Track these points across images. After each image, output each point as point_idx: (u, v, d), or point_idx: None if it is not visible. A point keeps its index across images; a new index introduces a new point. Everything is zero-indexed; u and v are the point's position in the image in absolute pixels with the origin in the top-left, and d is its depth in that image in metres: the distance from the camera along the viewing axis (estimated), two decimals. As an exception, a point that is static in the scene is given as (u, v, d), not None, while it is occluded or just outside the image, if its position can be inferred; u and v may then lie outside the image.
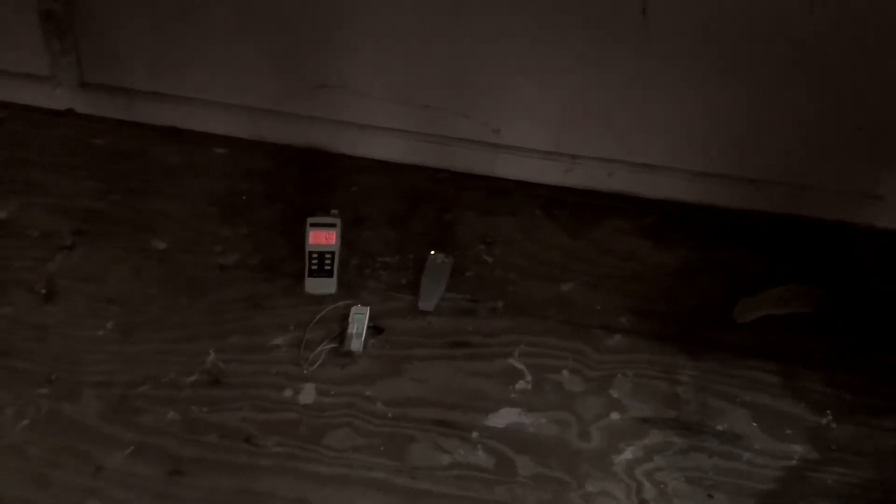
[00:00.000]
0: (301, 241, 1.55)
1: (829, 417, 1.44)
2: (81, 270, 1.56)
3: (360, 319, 1.48)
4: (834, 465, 1.38)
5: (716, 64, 1.56)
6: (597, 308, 1.57)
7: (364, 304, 1.52)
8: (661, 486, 1.34)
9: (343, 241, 1.58)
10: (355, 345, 1.46)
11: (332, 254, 1.54)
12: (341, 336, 1.48)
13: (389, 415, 1.40)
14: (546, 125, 1.70)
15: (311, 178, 1.75)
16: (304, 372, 1.44)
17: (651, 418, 1.42)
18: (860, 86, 1.56)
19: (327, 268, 1.54)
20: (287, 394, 1.42)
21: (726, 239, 1.70)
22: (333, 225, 1.56)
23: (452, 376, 1.45)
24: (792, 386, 1.48)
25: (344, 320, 1.49)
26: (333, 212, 1.60)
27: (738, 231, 1.72)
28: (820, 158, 1.68)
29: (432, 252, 1.59)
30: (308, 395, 1.42)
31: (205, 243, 1.62)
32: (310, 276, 1.54)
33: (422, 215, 1.70)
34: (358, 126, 1.77)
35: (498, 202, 1.73)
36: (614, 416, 1.42)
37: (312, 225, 1.56)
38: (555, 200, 1.74)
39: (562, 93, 1.65)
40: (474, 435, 1.38)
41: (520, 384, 1.45)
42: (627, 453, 1.37)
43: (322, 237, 1.55)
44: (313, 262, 1.54)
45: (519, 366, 1.47)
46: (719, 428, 1.41)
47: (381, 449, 1.36)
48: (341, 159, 1.79)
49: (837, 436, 1.42)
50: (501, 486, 1.33)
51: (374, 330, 1.50)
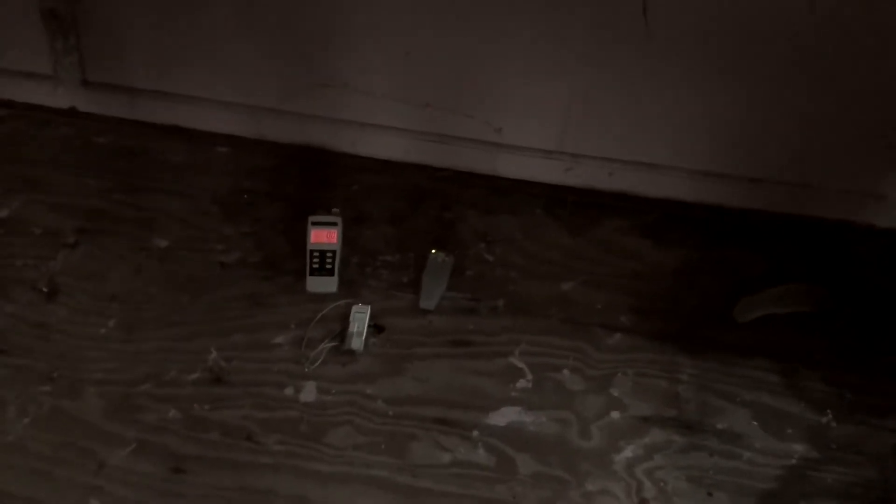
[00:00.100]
0: (302, 239, 1.56)
1: (830, 416, 1.44)
2: (83, 268, 1.57)
3: (360, 318, 1.49)
4: (834, 465, 1.38)
5: (716, 63, 1.56)
6: (597, 307, 1.57)
7: (365, 303, 1.52)
8: (661, 484, 1.34)
9: (344, 239, 1.58)
10: (356, 343, 1.46)
11: (334, 252, 1.55)
12: (342, 334, 1.48)
13: (390, 413, 1.40)
14: (547, 124, 1.70)
15: (313, 177, 1.75)
16: (306, 370, 1.45)
17: (651, 417, 1.42)
18: (861, 85, 1.56)
19: (328, 266, 1.54)
20: (288, 392, 1.42)
21: (727, 238, 1.70)
22: (335, 223, 1.56)
23: (453, 375, 1.45)
24: (792, 385, 1.48)
25: (345, 319, 1.50)
26: (335, 210, 1.61)
27: (738, 230, 1.72)
28: (820, 157, 1.68)
29: (433, 251, 1.59)
30: (309, 393, 1.42)
31: (206, 241, 1.62)
32: (311, 274, 1.54)
33: (423, 214, 1.70)
34: (359, 125, 1.77)
35: (499, 201, 1.73)
36: (614, 414, 1.42)
37: (314, 223, 1.56)
38: (556, 199, 1.74)
39: (563, 92, 1.65)
40: (475, 433, 1.39)
41: (520, 383, 1.45)
42: (627, 452, 1.37)
43: (323, 236, 1.55)
44: (314, 260, 1.54)
45: (519, 364, 1.47)
46: (719, 427, 1.42)
47: (382, 447, 1.36)
48: (343, 158, 1.79)
49: (838, 435, 1.42)
50: (502, 485, 1.33)
51: (375, 328, 1.50)
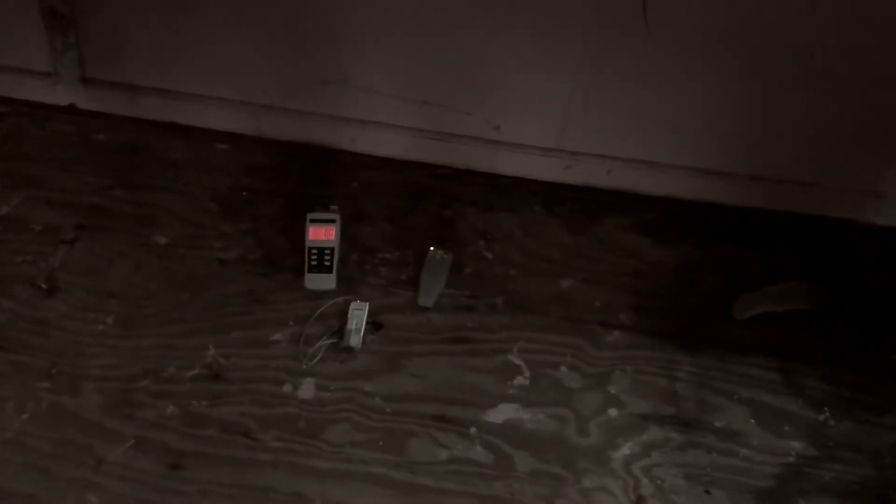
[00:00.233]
0: (302, 236, 1.56)
1: (828, 414, 1.44)
2: (82, 265, 1.57)
3: (359, 315, 1.49)
4: (832, 462, 1.38)
5: (716, 61, 1.56)
6: (596, 304, 1.57)
7: (364, 300, 1.52)
8: (658, 482, 1.34)
9: (343, 236, 1.58)
10: (354, 340, 1.46)
11: (332, 250, 1.55)
12: (341, 331, 1.48)
13: (388, 410, 1.40)
14: (546, 122, 1.70)
15: (312, 174, 1.75)
16: (304, 367, 1.45)
17: (649, 414, 1.42)
18: (861, 83, 1.56)
19: (327, 263, 1.54)
20: (286, 389, 1.42)
21: (726, 236, 1.70)
22: (333, 221, 1.56)
23: (451, 372, 1.45)
24: (791, 383, 1.48)
25: (343, 316, 1.50)
26: (333, 207, 1.61)
27: (738, 228, 1.71)
28: (821, 156, 1.68)
29: (432, 248, 1.60)
30: (307, 390, 1.42)
31: (206, 239, 1.63)
32: (309, 271, 1.54)
33: (422, 211, 1.70)
34: (359, 122, 1.77)
35: (498, 199, 1.73)
36: (612, 412, 1.42)
37: (312, 221, 1.56)
38: (555, 197, 1.74)
39: (562, 90, 1.65)
40: (473, 430, 1.39)
41: (518, 380, 1.45)
42: (625, 449, 1.37)
43: (322, 233, 1.55)
44: (313, 257, 1.54)
45: (518, 362, 1.47)
46: (718, 424, 1.42)
47: (380, 444, 1.36)
48: (342, 155, 1.79)
49: (835, 433, 1.42)
50: (499, 482, 1.33)
51: (373, 325, 1.50)
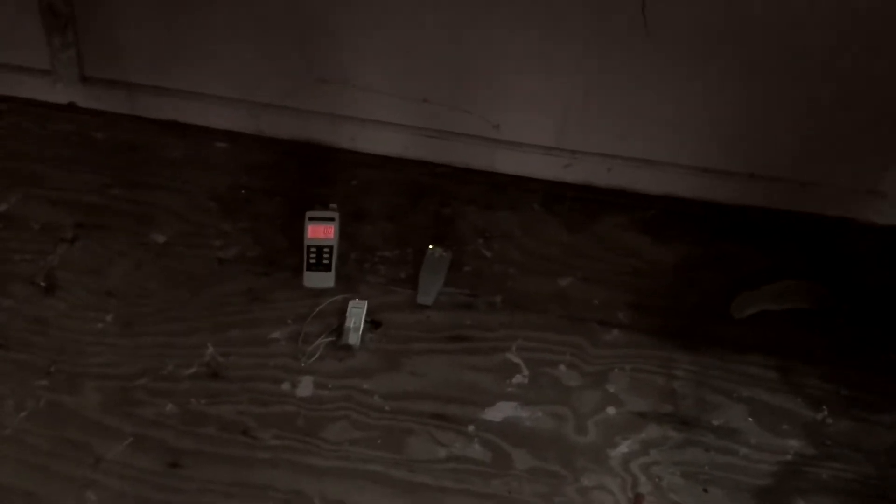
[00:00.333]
0: (300, 235, 1.56)
1: (826, 413, 1.44)
2: (82, 263, 1.57)
3: (357, 313, 1.49)
4: (830, 461, 1.38)
5: (715, 60, 1.56)
6: (595, 303, 1.57)
7: (363, 298, 1.52)
8: (656, 480, 1.34)
9: (342, 234, 1.58)
10: (353, 338, 1.46)
11: (331, 248, 1.55)
12: (339, 330, 1.48)
13: (387, 408, 1.40)
14: (546, 121, 1.70)
15: (311, 173, 1.75)
16: (302, 365, 1.45)
17: (647, 413, 1.42)
18: (861, 82, 1.56)
19: (325, 262, 1.54)
20: (285, 387, 1.42)
21: (726, 235, 1.70)
22: (332, 219, 1.56)
23: (450, 370, 1.46)
24: (790, 381, 1.48)
25: (342, 314, 1.50)
26: (332, 206, 1.61)
27: (737, 227, 1.71)
28: (821, 154, 1.67)
29: (431, 246, 1.60)
30: (306, 388, 1.42)
31: (205, 237, 1.63)
32: (308, 269, 1.54)
33: (421, 210, 1.70)
34: (358, 120, 1.77)
35: (497, 197, 1.73)
36: (611, 410, 1.42)
37: (311, 219, 1.56)
38: (554, 196, 1.74)
39: (561, 88, 1.65)
40: (471, 428, 1.39)
41: (517, 378, 1.45)
42: (623, 447, 1.37)
43: (320, 231, 1.55)
44: (311, 255, 1.55)
45: (516, 360, 1.48)
46: (716, 423, 1.42)
47: (379, 442, 1.36)
48: (341, 153, 1.79)
49: (834, 431, 1.42)
50: (498, 480, 1.33)
51: (372, 324, 1.50)
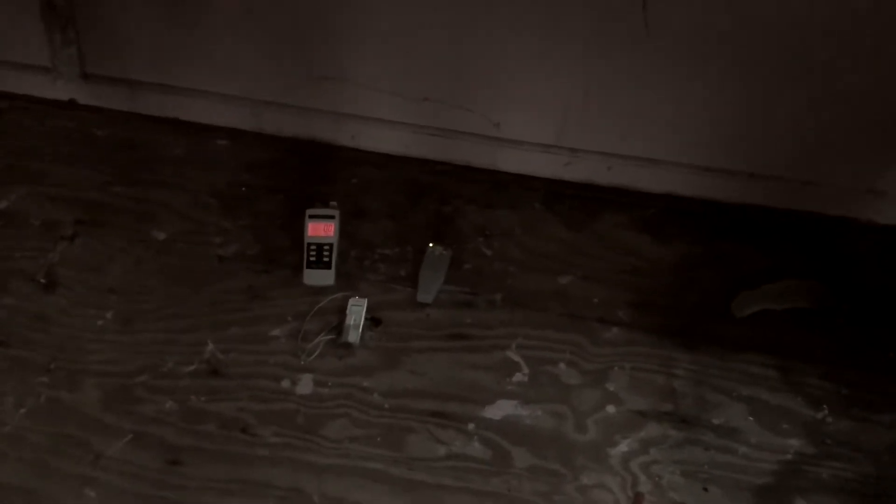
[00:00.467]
0: (301, 233, 1.56)
1: (826, 412, 1.44)
2: (82, 260, 1.57)
3: (357, 311, 1.49)
4: (830, 460, 1.38)
5: (716, 59, 1.56)
6: (595, 301, 1.57)
7: (363, 296, 1.52)
8: (656, 478, 1.34)
9: (343, 232, 1.58)
10: (353, 336, 1.46)
11: (331, 245, 1.55)
12: (339, 327, 1.48)
13: (386, 406, 1.41)
14: (546, 119, 1.70)
15: (312, 170, 1.75)
16: (302, 363, 1.45)
17: (647, 411, 1.42)
18: (862, 81, 1.55)
19: (326, 259, 1.54)
20: (285, 384, 1.42)
21: (726, 233, 1.69)
22: (332, 217, 1.57)
23: (450, 368, 1.46)
24: (790, 381, 1.48)
25: (342, 312, 1.50)
26: (332, 203, 1.60)
27: (738, 226, 1.71)
28: (822, 153, 1.67)
29: (431, 244, 1.60)
30: (306, 385, 1.42)
31: (205, 234, 1.63)
32: (308, 267, 1.54)
33: (421, 208, 1.70)
34: (359, 118, 1.77)
35: (498, 195, 1.73)
36: (610, 408, 1.42)
37: (311, 217, 1.56)
38: (554, 194, 1.74)
39: (562, 87, 1.65)
40: (471, 426, 1.39)
41: (517, 376, 1.45)
42: (623, 446, 1.37)
43: (321, 229, 1.55)
44: (311, 253, 1.55)
45: (516, 358, 1.48)
46: (716, 422, 1.42)
47: (378, 440, 1.36)
48: (342, 151, 1.79)
49: (834, 430, 1.42)
50: (497, 478, 1.33)
51: (372, 321, 1.50)
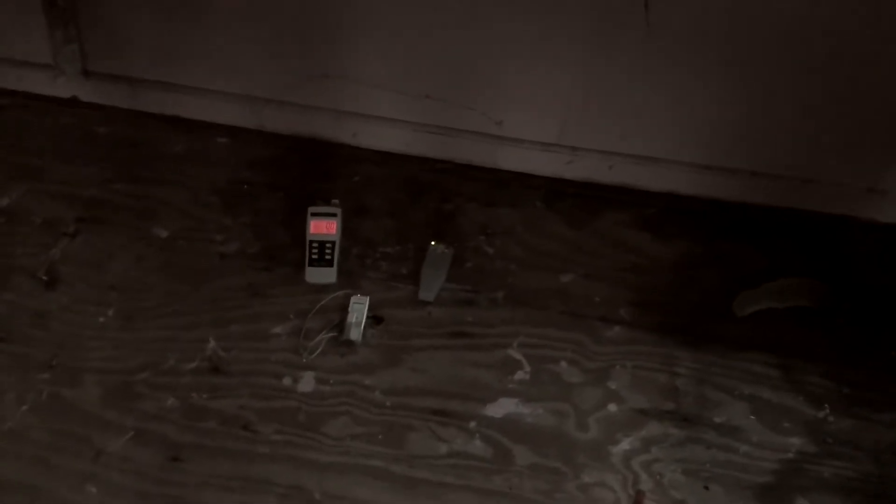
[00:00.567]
0: (302, 230, 1.56)
1: (827, 411, 1.44)
2: (83, 257, 1.57)
3: (359, 309, 1.49)
4: (831, 459, 1.38)
5: (717, 57, 1.56)
6: (596, 300, 1.57)
7: (364, 294, 1.52)
8: (657, 477, 1.34)
9: (344, 230, 1.58)
10: (354, 334, 1.46)
11: (333, 243, 1.55)
12: (341, 325, 1.48)
13: (388, 404, 1.41)
14: (548, 117, 1.70)
15: (313, 168, 1.75)
16: (304, 360, 1.45)
17: (649, 410, 1.42)
18: (863, 80, 1.55)
19: (328, 257, 1.54)
20: (286, 382, 1.42)
21: (727, 232, 1.69)
22: (334, 215, 1.57)
23: (451, 366, 1.46)
24: (791, 379, 1.48)
25: (344, 310, 1.50)
26: (334, 201, 1.60)
27: (739, 224, 1.71)
28: (822, 152, 1.67)
29: (433, 242, 1.60)
30: (307, 383, 1.42)
31: (206, 232, 1.63)
32: (310, 265, 1.54)
33: (423, 206, 1.70)
34: (360, 116, 1.77)
35: (499, 193, 1.73)
36: (612, 407, 1.42)
37: (313, 214, 1.56)
38: (555, 192, 1.74)
39: (563, 85, 1.65)
40: (472, 425, 1.39)
41: (518, 375, 1.45)
42: (625, 444, 1.37)
43: (323, 227, 1.55)
44: (314, 251, 1.55)
45: (518, 356, 1.47)
46: (717, 420, 1.42)
47: (380, 437, 1.36)
48: (343, 149, 1.79)
49: (835, 429, 1.42)
50: (498, 476, 1.33)
51: (374, 319, 1.50)
